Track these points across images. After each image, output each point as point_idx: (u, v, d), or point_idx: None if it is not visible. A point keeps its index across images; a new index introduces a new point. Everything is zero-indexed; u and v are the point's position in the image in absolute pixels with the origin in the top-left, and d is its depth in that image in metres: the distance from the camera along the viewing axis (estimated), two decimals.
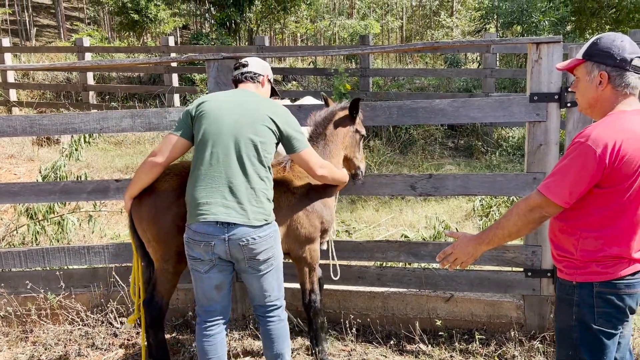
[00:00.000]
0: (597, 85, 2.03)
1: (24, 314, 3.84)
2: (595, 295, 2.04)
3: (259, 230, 2.66)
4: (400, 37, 28.13)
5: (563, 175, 1.99)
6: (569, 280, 2.11)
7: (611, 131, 1.93)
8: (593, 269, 2.04)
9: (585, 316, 2.07)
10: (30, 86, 12.61)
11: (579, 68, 2.09)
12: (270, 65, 3.13)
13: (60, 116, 3.68)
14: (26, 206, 4.94)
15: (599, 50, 2.02)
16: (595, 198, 2.01)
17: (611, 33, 2.05)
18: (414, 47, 3.69)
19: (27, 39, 23.53)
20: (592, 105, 2.09)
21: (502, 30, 12.89)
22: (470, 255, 2.24)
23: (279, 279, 2.86)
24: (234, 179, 2.64)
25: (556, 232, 2.17)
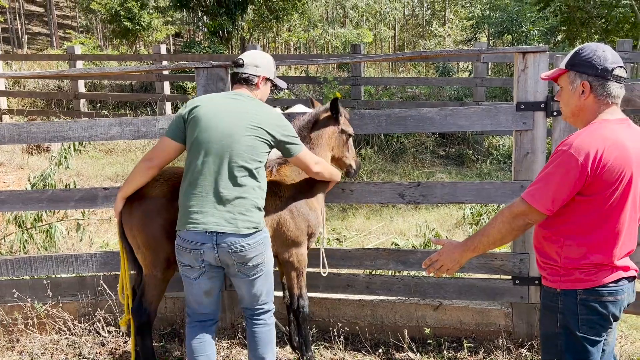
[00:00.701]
0: (579, 94, 2.06)
1: (10, 323, 3.80)
2: (579, 302, 2.05)
3: (248, 238, 2.67)
4: (392, 46, 28.30)
5: (546, 183, 2.01)
6: (553, 287, 2.11)
7: (593, 139, 1.96)
8: (576, 276, 2.05)
9: (569, 323, 2.07)
10: (21, 94, 12.56)
11: (562, 78, 2.12)
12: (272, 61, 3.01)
13: (48, 124, 3.67)
14: (14, 214, 4.91)
15: (580, 60, 2.05)
16: (577, 205, 2.03)
17: (593, 43, 2.08)
18: (403, 56, 3.71)
19: (19, 47, 23.46)
20: (576, 114, 2.12)
21: (493, 40, 13.03)
22: (456, 262, 2.25)
23: (269, 284, 2.87)
24: (225, 189, 2.64)
25: (540, 240, 2.18)
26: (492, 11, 12.83)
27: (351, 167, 3.42)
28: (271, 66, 2.96)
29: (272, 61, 2.98)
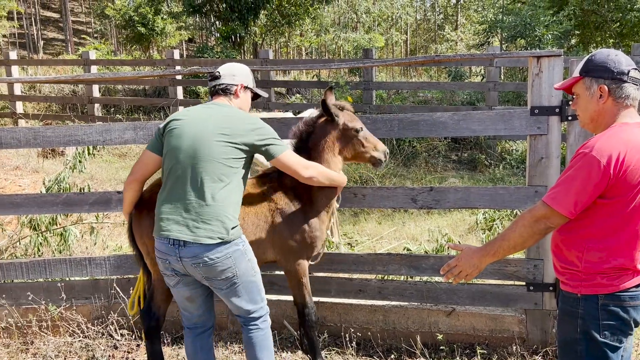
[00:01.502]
0: (597, 99, 2.06)
1: (24, 325, 3.84)
2: (600, 307, 2.03)
3: (213, 251, 2.57)
4: (404, 51, 28.27)
5: (568, 185, 2.00)
6: (573, 292, 2.09)
7: (615, 142, 1.96)
8: (598, 281, 2.03)
9: (590, 329, 2.04)
10: (37, 98, 12.72)
11: (578, 85, 2.12)
12: (249, 70, 3.00)
13: (63, 128, 3.71)
14: (29, 217, 4.96)
15: (595, 66, 2.06)
16: (599, 209, 2.01)
17: (604, 49, 2.10)
18: (416, 60, 3.71)
19: (34, 52, 23.79)
20: (594, 119, 2.11)
21: (506, 44, 12.95)
22: (475, 267, 2.22)
23: (252, 293, 2.78)
24: (191, 197, 2.60)
25: (559, 244, 2.16)
26: (505, 15, 12.76)
27: (374, 158, 3.21)
28: (249, 75, 2.96)
29: (249, 71, 2.98)
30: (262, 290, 2.85)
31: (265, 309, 2.87)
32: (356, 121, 3.20)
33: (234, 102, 2.86)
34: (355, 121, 3.20)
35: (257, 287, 2.81)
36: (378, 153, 3.22)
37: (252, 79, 2.99)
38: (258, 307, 2.83)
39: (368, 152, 3.20)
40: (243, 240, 2.74)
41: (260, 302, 2.85)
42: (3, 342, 3.81)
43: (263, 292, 2.86)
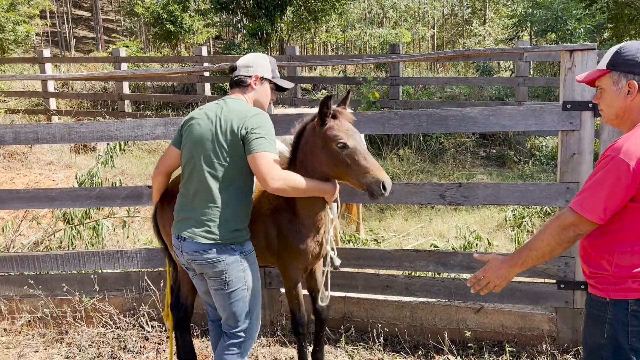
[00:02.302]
0: (625, 95, 1.99)
1: (59, 315, 3.95)
2: (630, 313, 1.95)
3: (206, 251, 2.56)
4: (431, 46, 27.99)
5: (596, 190, 1.92)
6: (602, 296, 2.01)
7: None
8: (629, 285, 1.95)
9: (617, 334, 1.97)
10: (69, 95, 13.01)
11: (604, 79, 2.04)
12: (268, 60, 2.80)
13: (97, 124, 3.80)
14: (63, 211, 5.09)
15: (624, 59, 1.97)
16: (630, 212, 1.93)
17: (634, 42, 2.00)
18: (445, 55, 3.68)
19: (66, 50, 24.32)
20: (620, 116, 2.04)
21: (536, 38, 12.70)
22: (503, 278, 2.15)
23: (236, 306, 2.64)
24: (197, 195, 2.61)
25: (587, 249, 2.09)
26: (536, 9, 12.49)
27: (363, 185, 2.56)
28: (266, 65, 2.77)
29: (268, 62, 2.79)
30: (249, 310, 2.67)
31: (245, 335, 2.69)
32: (345, 135, 2.60)
33: (249, 94, 2.75)
34: (340, 134, 2.60)
35: (243, 302, 2.65)
36: (368, 180, 2.55)
37: (272, 69, 2.80)
38: (239, 326, 2.68)
39: (357, 178, 2.57)
40: (244, 248, 2.64)
41: (243, 323, 2.67)
42: (39, 331, 3.93)
43: (253, 313, 2.69)
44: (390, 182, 2.56)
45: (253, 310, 2.71)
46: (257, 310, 2.75)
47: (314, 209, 2.83)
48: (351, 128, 2.66)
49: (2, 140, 3.87)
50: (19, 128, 3.85)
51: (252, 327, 2.72)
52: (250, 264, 2.69)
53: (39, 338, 3.88)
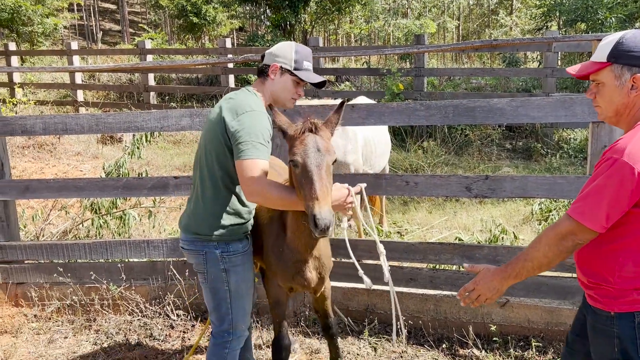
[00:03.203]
0: (628, 90, 1.81)
1: (88, 303, 4.04)
2: (637, 326, 1.82)
3: (188, 243, 2.57)
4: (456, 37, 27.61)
5: (597, 196, 1.76)
6: (606, 310, 1.88)
7: None
8: (634, 297, 1.82)
9: (628, 348, 1.83)
10: (96, 87, 13.22)
11: (603, 72, 1.85)
12: (294, 49, 2.54)
13: (123, 115, 3.85)
14: (91, 201, 5.18)
15: (627, 51, 1.79)
16: (633, 218, 1.79)
17: (635, 31, 1.82)
18: (472, 45, 3.62)
19: (93, 42, 24.69)
20: (621, 112, 1.87)
21: (565, 28, 12.43)
22: (496, 291, 2.01)
23: (216, 304, 2.60)
24: (196, 189, 2.61)
25: (586, 257, 1.94)
26: None
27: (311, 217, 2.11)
28: (289, 55, 2.51)
29: (294, 51, 2.52)
30: (232, 312, 2.59)
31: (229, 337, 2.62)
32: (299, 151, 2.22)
33: (267, 85, 2.54)
34: (297, 149, 2.23)
35: (225, 302, 2.58)
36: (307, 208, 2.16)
37: (296, 59, 2.51)
38: (221, 326, 2.61)
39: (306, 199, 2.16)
40: (228, 248, 2.54)
41: (224, 323, 2.61)
42: (68, 318, 4.02)
43: (236, 315, 2.61)
44: (323, 219, 2.07)
45: (237, 313, 2.61)
46: (242, 313, 2.64)
47: (303, 233, 2.46)
48: (312, 146, 2.21)
49: (32, 130, 3.95)
50: (48, 119, 3.92)
51: (236, 329, 2.63)
52: (235, 265, 2.56)
53: (68, 324, 3.96)
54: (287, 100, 2.59)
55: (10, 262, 4.15)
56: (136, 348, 3.65)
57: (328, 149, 2.25)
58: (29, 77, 13.30)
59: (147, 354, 3.59)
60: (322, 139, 2.27)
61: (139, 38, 18.42)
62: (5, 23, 16.97)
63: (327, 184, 2.17)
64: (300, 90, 2.60)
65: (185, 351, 3.59)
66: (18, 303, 4.17)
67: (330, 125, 2.37)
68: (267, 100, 2.56)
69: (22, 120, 3.95)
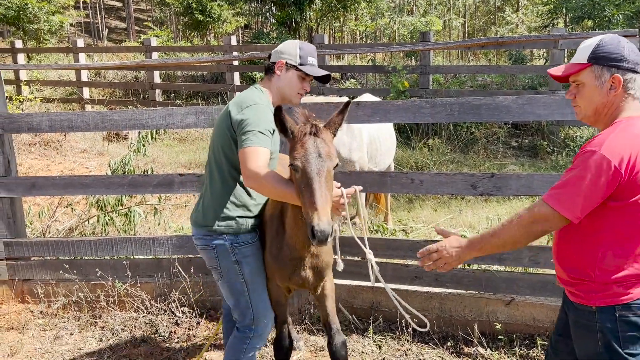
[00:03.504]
0: (607, 90, 1.88)
1: (93, 299, 4.05)
2: (619, 319, 1.87)
3: (198, 237, 2.62)
4: (462, 34, 27.51)
5: (575, 187, 1.81)
6: (587, 305, 1.92)
7: (627, 139, 1.79)
8: (614, 290, 1.86)
9: (611, 342, 1.88)
10: (102, 84, 13.25)
11: (583, 73, 1.92)
12: (298, 46, 2.61)
13: (129, 112, 3.86)
14: (97, 198, 5.20)
15: (607, 53, 1.86)
16: (612, 212, 1.85)
17: (612, 35, 1.91)
18: (478, 42, 3.60)
19: (99, 39, 24.76)
20: (600, 112, 1.93)
21: (572, 26, 12.36)
22: (457, 259, 2.05)
23: (236, 299, 2.65)
24: (205, 182, 2.68)
25: (566, 253, 1.98)
26: None
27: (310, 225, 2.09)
28: (293, 51, 2.58)
29: (298, 47, 2.59)
30: (253, 305, 2.63)
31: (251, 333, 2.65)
32: (300, 155, 2.19)
33: (274, 81, 2.62)
34: (298, 153, 2.20)
35: (242, 296, 2.62)
36: (306, 216, 2.15)
37: (300, 55, 2.58)
38: (244, 321, 2.65)
39: (305, 207, 2.17)
40: (238, 239, 2.57)
41: (246, 319, 2.64)
42: (74, 314, 4.04)
43: (257, 309, 2.64)
44: (322, 231, 2.05)
45: (257, 305, 2.63)
46: (262, 306, 2.65)
47: (301, 229, 2.39)
48: (313, 151, 2.18)
49: (38, 127, 3.96)
50: (54, 116, 3.93)
51: (258, 324, 2.65)
52: (246, 256, 2.59)
53: (74, 321, 3.98)
54: (294, 96, 2.64)
55: (17, 258, 4.17)
56: (141, 345, 3.67)
57: (329, 154, 2.21)
58: (35, 75, 13.35)
59: (152, 350, 3.60)
60: (324, 142, 2.23)
61: (145, 35, 18.46)
62: (12, 21, 17.02)
63: (327, 192, 2.14)
64: (306, 86, 2.65)
65: (191, 349, 3.60)
66: (24, 299, 4.19)
67: (333, 126, 2.35)
68: (274, 96, 2.63)
69: (29, 118, 3.96)
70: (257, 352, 2.78)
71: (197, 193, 4.38)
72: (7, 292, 4.18)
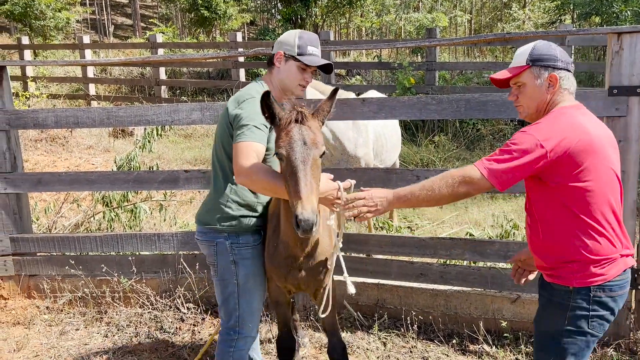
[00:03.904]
0: (546, 88, 2.09)
1: (99, 295, 4.06)
2: (592, 299, 2.01)
3: (200, 233, 2.61)
4: (468, 31, 27.37)
5: (504, 160, 1.98)
6: (565, 285, 2.04)
7: (556, 124, 1.98)
8: (591, 271, 2.00)
9: (579, 321, 2.02)
10: (108, 81, 13.28)
11: (524, 74, 2.12)
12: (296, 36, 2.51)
13: (134, 109, 3.86)
14: (102, 194, 5.21)
15: (543, 55, 2.08)
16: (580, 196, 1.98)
17: (543, 41, 2.13)
18: (484, 38, 3.57)
19: (105, 36, 24.81)
20: (540, 109, 2.12)
21: (579, 22, 12.26)
22: (381, 205, 2.18)
23: (224, 299, 2.60)
24: (210, 183, 2.67)
25: (545, 247, 2.10)
26: None
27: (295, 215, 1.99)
28: (291, 41, 2.50)
29: (296, 37, 2.50)
30: (239, 308, 2.58)
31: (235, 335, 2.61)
32: (284, 143, 2.12)
33: (274, 73, 2.55)
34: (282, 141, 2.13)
35: (232, 296, 2.58)
36: (291, 205, 2.07)
37: (299, 45, 2.48)
38: (228, 322, 2.62)
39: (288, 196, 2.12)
40: (238, 240, 2.54)
41: (230, 320, 2.60)
42: (80, 310, 4.06)
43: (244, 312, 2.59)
44: (306, 220, 1.96)
45: (244, 310, 2.59)
46: (249, 311, 2.61)
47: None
48: (298, 139, 2.10)
49: (44, 124, 3.97)
50: (60, 112, 3.94)
51: (243, 327, 2.61)
52: (244, 258, 2.56)
53: (79, 316, 4.00)
54: (295, 87, 2.54)
55: (23, 254, 4.19)
56: (146, 340, 3.68)
57: (315, 142, 2.12)
58: (42, 71, 13.40)
59: (157, 346, 3.61)
60: (310, 130, 2.14)
61: (151, 32, 18.47)
62: (19, 17, 17.08)
63: (312, 181, 2.05)
64: (308, 77, 2.55)
65: (196, 344, 3.61)
66: (30, 295, 4.21)
67: (321, 114, 2.25)
68: (275, 89, 2.56)
69: (35, 114, 3.97)
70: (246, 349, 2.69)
71: (203, 190, 4.38)
72: (14, 287, 4.20)
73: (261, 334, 3.65)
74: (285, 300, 2.78)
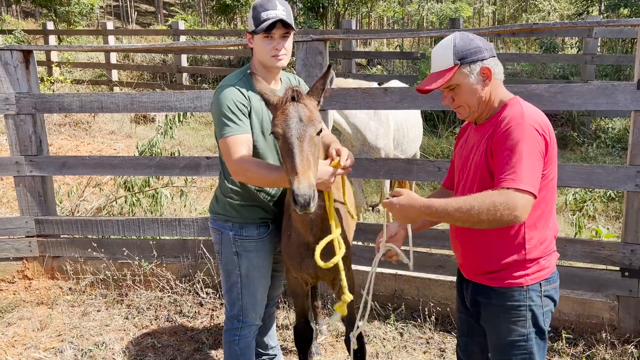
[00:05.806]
0: (482, 81, 1.96)
1: (120, 278, 4.13)
2: (543, 294, 1.96)
3: (211, 220, 2.65)
4: (492, 22, 26.96)
5: (530, 163, 1.77)
6: (519, 285, 1.94)
7: (534, 111, 1.91)
8: (540, 265, 1.95)
9: (537, 319, 1.96)
10: (130, 67, 13.40)
11: (455, 75, 1.95)
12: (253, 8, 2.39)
13: (157, 95, 3.89)
14: (124, 179, 5.29)
15: (467, 50, 1.93)
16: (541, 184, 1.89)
17: (455, 33, 1.97)
18: (510, 29, 3.52)
19: (128, 23, 25.00)
20: (484, 101, 1.98)
21: (607, 14, 11.99)
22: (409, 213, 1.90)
23: (227, 287, 2.61)
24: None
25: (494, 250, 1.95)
26: None
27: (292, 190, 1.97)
28: (249, 20, 2.43)
29: (250, 12, 2.42)
30: (242, 298, 2.59)
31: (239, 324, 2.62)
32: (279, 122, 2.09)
33: (254, 56, 2.48)
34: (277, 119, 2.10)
35: (235, 286, 2.58)
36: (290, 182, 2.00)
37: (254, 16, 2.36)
38: (231, 311, 2.63)
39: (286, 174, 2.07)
40: (242, 232, 2.54)
41: (233, 308, 2.61)
42: (101, 292, 4.13)
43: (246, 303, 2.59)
44: (302, 195, 1.92)
45: (246, 300, 2.59)
46: (252, 301, 2.61)
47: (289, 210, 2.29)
48: (293, 116, 2.07)
49: (69, 108, 4.03)
50: (85, 97, 3.99)
51: (246, 317, 2.62)
52: (247, 250, 2.55)
53: (101, 298, 4.08)
54: (269, 60, 2.40)
55: (47, 235, 4.28)
56: (166, 324, 3.74)
57: (311, 119, 2.09)
58: (66, 57, 13.56)
59: (176, 329, 3.67)
60: (306, 107, 2.11)
61: (173, 19, 18.55)
62: (44, 3, 17.30)
63: (310, 157, 2.02)
64: (278, 44, 2.38)
65: (214, 329, 3.65)
66: (54, 276, 4.30)
67: (316, 92, 2.20)
68: (259, 70, 2.47)
69: (60, 98, 4.03)
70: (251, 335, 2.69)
71: None
72: (38, 268, 4.30)
73: (278, 320, 3.68)
74: (302, 291, 2.78)
